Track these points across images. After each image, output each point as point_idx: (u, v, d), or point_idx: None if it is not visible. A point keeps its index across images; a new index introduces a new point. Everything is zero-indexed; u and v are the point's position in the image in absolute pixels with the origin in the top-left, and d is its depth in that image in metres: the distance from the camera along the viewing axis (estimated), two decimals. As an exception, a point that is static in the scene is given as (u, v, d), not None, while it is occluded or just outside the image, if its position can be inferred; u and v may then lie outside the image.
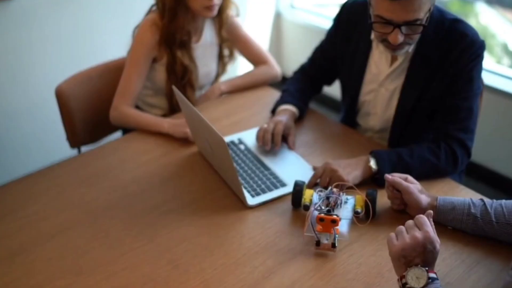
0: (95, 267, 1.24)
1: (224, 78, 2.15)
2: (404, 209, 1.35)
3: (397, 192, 1.33)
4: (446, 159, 1.48)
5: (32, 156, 2.81)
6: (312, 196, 1.35)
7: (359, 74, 1.68)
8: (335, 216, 1.22)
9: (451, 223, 1.29)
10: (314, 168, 1.52)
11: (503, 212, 1.22)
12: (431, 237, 1.04)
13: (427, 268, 1.02)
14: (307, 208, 1.33)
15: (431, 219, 1.09)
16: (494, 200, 1.26)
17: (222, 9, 1.86)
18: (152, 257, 1.27)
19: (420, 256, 1.03)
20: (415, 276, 1.02)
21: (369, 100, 1.71)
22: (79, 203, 1.46)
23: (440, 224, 1.30)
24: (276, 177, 1.51)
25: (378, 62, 1.63)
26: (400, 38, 1.41)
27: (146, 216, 1.40)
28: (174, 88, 1.52)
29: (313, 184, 1.46)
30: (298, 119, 1.78)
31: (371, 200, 1.31)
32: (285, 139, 1.65)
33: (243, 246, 1.29)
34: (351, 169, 1.44)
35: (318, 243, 1.24)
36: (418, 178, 1.37)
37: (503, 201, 1.25)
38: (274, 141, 1.61)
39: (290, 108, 1.74)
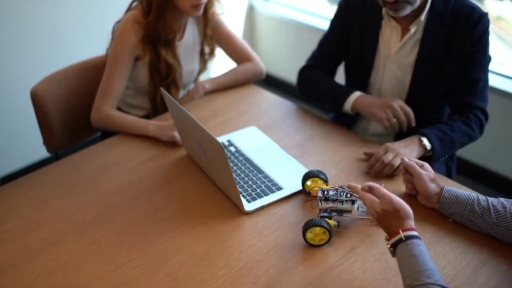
0: (88, 282, 1.17)
1: (203, 75, 2.09)
2: (416, 196, 1.37)
3: (411, 176, 1.35)
4: (476, 127, 1.61)
5: (5, 159, 2.69)
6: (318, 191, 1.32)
7: (370, 53, 1.70)
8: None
9: (452, 216, 1.29)
10: (365, 154, 1.56)
11: (505, 216, 1.21)
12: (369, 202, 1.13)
13: (387, 237, 1.09)
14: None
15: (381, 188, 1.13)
16: (500, 199, 1.25)
17: (207, 7, 1.80)
18: (149, 269, 1.20)
19: (381, 223, 1.11)
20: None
21: (379, 79, 1.71)
22: (65, 214, 1.38)
23: (443, 216, 1.31)
24: (271, 181, 1.46)
25: (388, 38, 1.66)
26: None
27: (138, 226, 1.33)
28: (162, 90, 1.45)
29: (372, 165, 1.48)
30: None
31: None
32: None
33: (244, 254, 1.24)
34: (410, 150, 1.49)
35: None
36: (458, 149, 1.59)
37: (509, 203, 1.23)
38: (410, 119, 1.60)
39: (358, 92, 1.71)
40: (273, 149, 1.61)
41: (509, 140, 2.66)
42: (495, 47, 2.84)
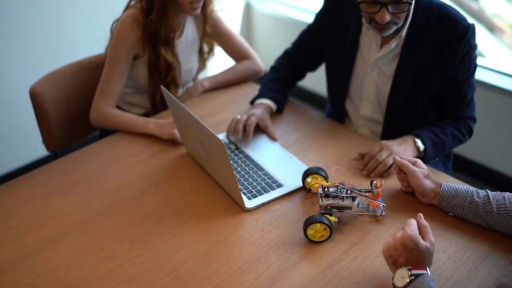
0: (90, 280, 1.18)
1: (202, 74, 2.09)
2: (413, 192, 1.39)
3: (404, 174, 1.37)
4: (466, 133, 1.65)
5: (3, 158, 2.69)
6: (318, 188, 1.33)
7: (350, 56, 1.68)
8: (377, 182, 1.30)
9: (453, 209, 1.30)
10: (360, 154, 1.56)
11: (505, 203, 1.23)
12: (410, 235, 1.07)
13: (409, 267, 1.05)
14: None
15: (422, 219, 1.13)
16: (498, 192, 1.27)
17: (206, 4, 1.80)
18: (151, 267, 1.21)
19: (403, 255, 1.07)
20: (400, 276, 1.06)
21: (360, 84, 1.70)
22: (66, 213, 1.38)
23: (442, 212, 1.33)
24: (271, 178, 1.47)
25: (368, 45, 1.64)
26: (387, 17, 1.43)
27: (139, 224, 1.34)
28: (162, 88, 1.45)
29: (366, 163, 1.49)
30: (281, 111, 1.80)
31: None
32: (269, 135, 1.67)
33: (245, 251, 1.25)
34: (404, 148, 1.51)
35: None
36: (447, 152, 1.66)
37: (507, 193, 1.26)
38: (246, 132, 1.61)
39: (265, 101, 1.75)
40: (272, 147, 1.61)
41: (506, 137, 2.67)
42: (491, 45, 2.85)
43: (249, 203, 1.37)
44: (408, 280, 1.04)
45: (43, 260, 1.23)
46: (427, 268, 1.06)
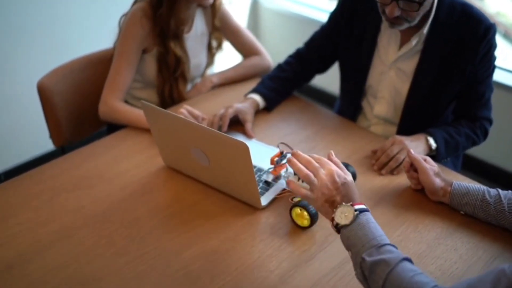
0: (101, 276, 1.17)
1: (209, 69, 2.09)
2: (422, 190, 1.39)
3: (414, 172, 1.38)
4: (481, 134, 1.65)
5: (10, 152, 2.69)
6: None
7: (367, 55, 1.67)
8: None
9: (464, 208, 1.30)
10: (373, 152, 1.57)
11: None
12: (336, 170, 1.04)
13: (351, 203, 1.02)
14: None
15: (333, 157, 1.11)
16: (510, 191, 1.27)
17: None
18: (161, 263, 1.20)
19: (338, 192, 1.03)
20: (342, 214, 1.01)
21: (376, 83, 1.69)
22: (76, 208, 1.38)
23: (453, 211, 1.33)
24: (266, 172, 1.46)
25: (387, 44, 1.63)
26: (396, 12, 1.44)
27: (149, 220, 1.33)
28: (142, 102, 1.37)
29: (378, 157, 1.50)
30: (269, 109, 1.79)
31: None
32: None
33: (256, 248, 1.24)
34: (416, 145, 1.51)
35: None
36: (460, 152, 1.66)
37: None
38: (222, 124, 1.62)
39: (254, 97, 1.75)
40: (251, 144, 1.56)
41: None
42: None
43: (262, 201, 1.36)
44: (353, 215, 0.99)
45: (53, 256, 1.23)
46: (364, 203, 1.03)
